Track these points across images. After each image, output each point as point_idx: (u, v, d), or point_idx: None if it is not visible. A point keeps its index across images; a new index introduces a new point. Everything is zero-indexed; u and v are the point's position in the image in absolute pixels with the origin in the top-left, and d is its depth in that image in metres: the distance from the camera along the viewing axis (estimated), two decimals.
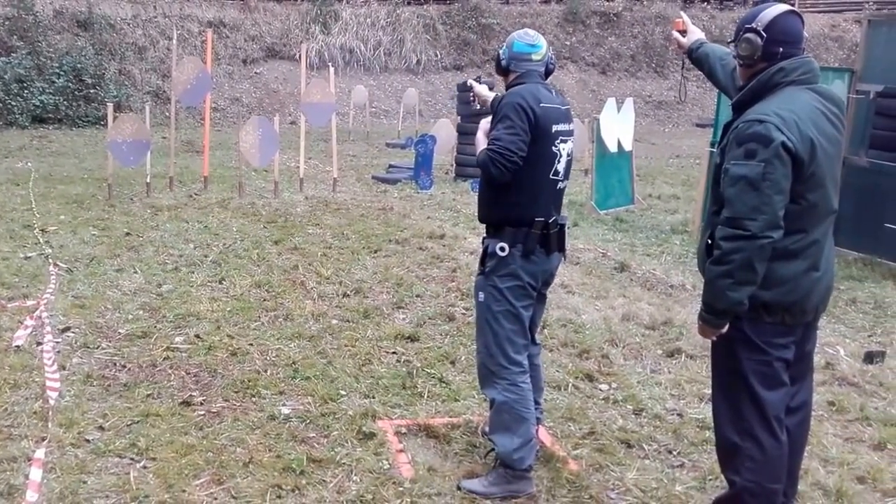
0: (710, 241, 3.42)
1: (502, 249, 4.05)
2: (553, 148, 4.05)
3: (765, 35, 3.29)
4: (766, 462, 3.40)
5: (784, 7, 3.38)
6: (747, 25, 3.35)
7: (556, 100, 4.12)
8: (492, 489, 4.09)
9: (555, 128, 4.04)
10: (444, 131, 13.84)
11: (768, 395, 3.37)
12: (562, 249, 4.22)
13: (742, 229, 3.16)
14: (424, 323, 6.55)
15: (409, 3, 26.29)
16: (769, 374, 3.37)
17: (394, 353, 5.94)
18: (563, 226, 4.17)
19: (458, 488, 4.13)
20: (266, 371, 5.52)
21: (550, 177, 4.08)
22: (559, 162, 4.09)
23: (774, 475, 3.43)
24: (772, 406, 3.38)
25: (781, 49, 3.30)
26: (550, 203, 4.12)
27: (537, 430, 4.48)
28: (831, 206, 3.40)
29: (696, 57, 4.08)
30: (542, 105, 3.99)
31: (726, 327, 3.36)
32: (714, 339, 3.45)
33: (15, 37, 19.92)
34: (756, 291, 3.26)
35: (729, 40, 3.56)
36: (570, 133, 4.16)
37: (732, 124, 3.38)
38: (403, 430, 4.75)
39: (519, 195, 4.03)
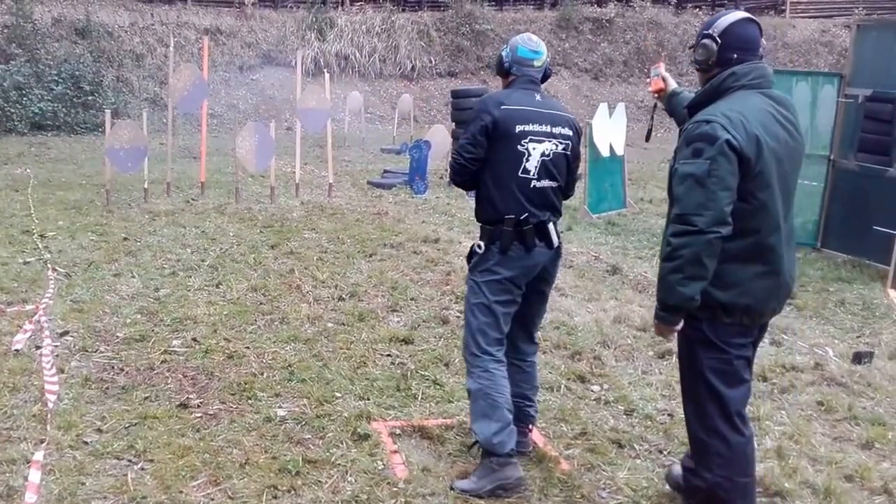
0: None
1: (479, 247, 4.25)
2: (519, 147, 4.15)
3: (720, 41, 3.43)
4: (733, 456, 3.52)
5: (741, 15, 3.52)
6: (705, 32, 3.50)
7: (533, 102, 4.21)
8: (481, 483, 4.14)
9: (520, 128, 4.14)
10: (439, 137, 13.89)
11: (729, 392, 3.49)
12: (549, 245, 4.26)
13: (689, 225, 3.26)
14: (419, 326, 6.60)
15: (403, 10, 26.34)
16: (730, 371, 3.49)
17: (388, 355, 5.99)
18: (543, 222, 4.22)
19: (451, 489, 4.19)
20: (262, 374, 5.57)
21: (519, 175, 4.17)
22: (528, 161, 4.17)
23: (742, 469, 3.55)
24: (733, 402, 3.50)
25: (736, 55, 3.44)
26: (525, 201, 4.19)
27: (530, 431, 4.57)
28: (781, 209, 3.44)
29: (668, 109, 4.26)
30: (503, 107, 4.14)
31: (680, 325, 3.46)
32: (671, 338, 3.58)
33: (13, 44, 19.96)
34: (714, 292, 3.36)
35: (689, 46, 3.62)
36: (549, 135, 4.21)
37: (684, 127, 3.53)
38: (398, 431, 4.80)
39: (490, 194, 4.23)
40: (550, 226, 4.25)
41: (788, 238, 3.51)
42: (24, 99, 19.18)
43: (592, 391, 5.51)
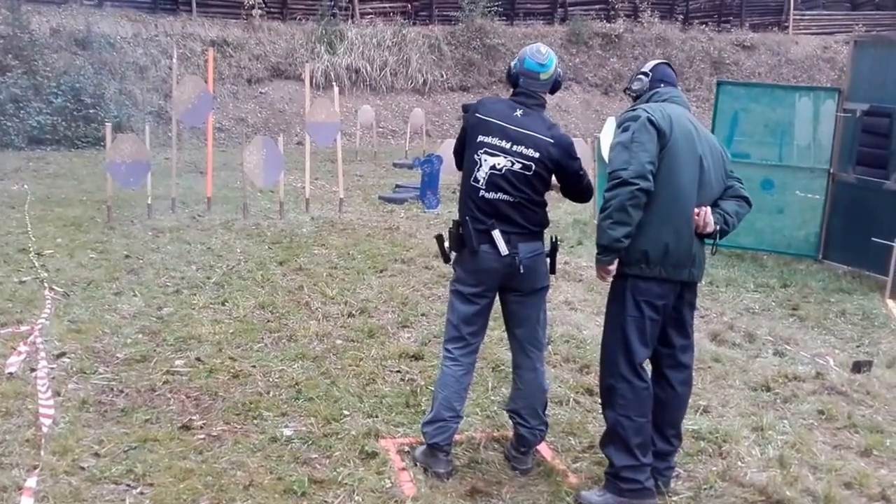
0: None
1: None
2: (475, 156, 4.34)
3: (650, 75, 4.42)
4: (634, 399, 4.15)
5: (661, 59, 4.71)
6: (640, 71, 4.51)
7: (509, 118, 4.33)
8: (419, 456, 4.55)
9: (480, 138, 4.33)
10: (451, 151, 13.75)
11: (638, 347, 4.15)
12: (498, 251, 4.26)
13: (616, 178, 3.99)
14: (429, 342, 6.48)
15: (414, 24, 26.31)
16: (642, 330, 4.14)
17: (398, 371, 5.89)
18: (488, 228, 4.26)
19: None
20: (268, 393, 5.44)
21: (471, 182, 4.35)
22: (479, 170, 4.32)
23: (640, 410, 4.16)
24: (638, 356, 4.15)
25: (661, 86, 4.38)
26: (474, 208, 4.33)
27: (525, 451, 4.56)
28: (689, 187, 4.11)
29: None
30: (477, 115, 4.40)
31: (614, 267, 4.10)
32: (608, 279, 4.19)
33: (10, 56, 19.53)
34: (638, 244, 4.03)
35: (625, 87, 4.67)
36: (505, 151, 4.29)
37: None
38: (406, 448, 4.72)
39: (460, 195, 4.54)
40: (496, 232, 4.26)
41: (689, 219, 4.12)
42: (22, 112, 18.81)
43: (600, 404, 5.36)
